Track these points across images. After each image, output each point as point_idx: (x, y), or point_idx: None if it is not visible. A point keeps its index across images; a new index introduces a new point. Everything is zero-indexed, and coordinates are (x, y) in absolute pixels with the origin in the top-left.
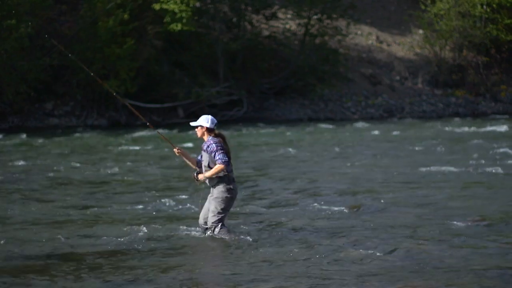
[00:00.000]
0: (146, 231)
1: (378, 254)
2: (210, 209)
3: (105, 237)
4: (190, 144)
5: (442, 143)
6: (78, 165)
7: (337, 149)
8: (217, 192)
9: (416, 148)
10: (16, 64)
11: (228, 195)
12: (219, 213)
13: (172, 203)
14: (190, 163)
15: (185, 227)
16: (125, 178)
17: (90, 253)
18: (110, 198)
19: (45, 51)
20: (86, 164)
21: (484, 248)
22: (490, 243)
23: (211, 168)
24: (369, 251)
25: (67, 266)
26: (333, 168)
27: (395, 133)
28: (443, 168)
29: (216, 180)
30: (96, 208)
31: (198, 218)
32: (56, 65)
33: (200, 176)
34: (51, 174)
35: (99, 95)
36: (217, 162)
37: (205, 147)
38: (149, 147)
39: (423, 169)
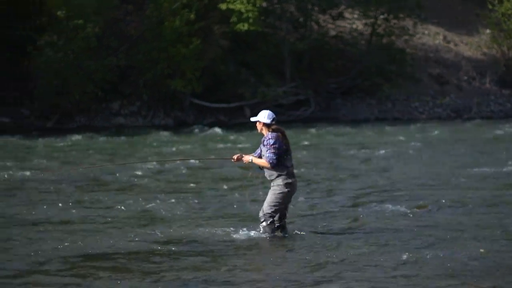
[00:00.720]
0: (204, 231)
1: (444, 255)
2: (266, 200)
3: (162, 237)
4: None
5: (510, 143)
6: (144, 165)
7: (403, 149)
8: (276, 186)
9: (484, 148)
10: (83, 64)
11: (286, 189)
12: (274, 205)
13: (228, 202)
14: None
15: (241, 227)
16: (185, 177)
17: (144, 252)
18: (167, 198)
19: (112, 51)
20: (148, 163)
21: None
22: None
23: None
24: (436, 252)
25: (127, 265)
26: (399, 168)
27: (462, 133)
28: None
29: (276, 174)
30: (153, 208)
31: (253, 218)
32: (122, 65)
33: (246, 158)
34: (114, 174)
35: (165, 95)
36: (265, 159)
37: (264, 142)
38: (209, 146)
39: (492, 169)
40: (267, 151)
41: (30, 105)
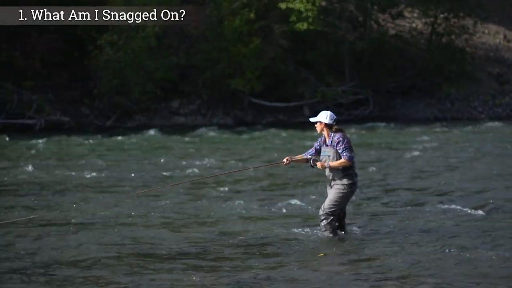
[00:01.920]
0: (264, 230)
1: (508, 255)
2: (328, 198)
3: (221, 235)
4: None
5: None
6: (205, 162)
7: (462, 148)
8: (340, 185)
9: None
10: (143, 63)
11: (350, 189)
12: (335, 204)
13: (286, 202)
14: (300, 162)
15: (300, 226)
16: (241, 177)
17: (201, 252)
18: (229, 196)
19: (172, 50)
20: (206, 161)
21: None
22: None
23: None
24: (498, 252)
25: (202, 262)
26: (458, 168)
27: None
28: None
29: (341, 173)
30: (213, 207)
31: (311, 217)
32: (182, 65)
33: (319, 164)
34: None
35: (225, 94)
36: (343, 158)
37: (329, 142)
38: (268, 145)
39: None
40: (344, 150)
41: (90, 104)
